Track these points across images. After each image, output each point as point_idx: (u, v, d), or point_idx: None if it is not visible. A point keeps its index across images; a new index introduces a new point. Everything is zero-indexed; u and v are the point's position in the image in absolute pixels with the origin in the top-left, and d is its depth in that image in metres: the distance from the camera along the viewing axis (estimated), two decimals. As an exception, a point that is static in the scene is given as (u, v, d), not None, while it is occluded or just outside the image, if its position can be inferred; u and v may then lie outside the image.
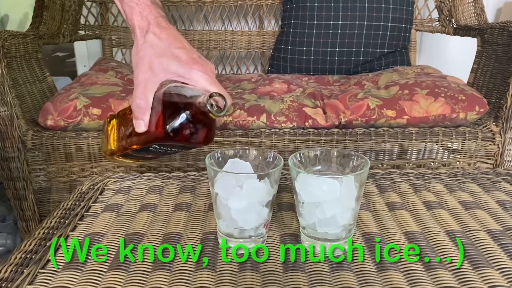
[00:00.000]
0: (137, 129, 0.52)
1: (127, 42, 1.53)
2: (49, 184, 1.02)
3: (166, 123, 0.48)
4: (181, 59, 0.51)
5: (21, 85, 1.01)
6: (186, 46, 0.53)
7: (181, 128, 0.48)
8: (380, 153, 0.98)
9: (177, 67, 0.51)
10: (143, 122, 0.51)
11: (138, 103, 0.51)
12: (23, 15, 2.23)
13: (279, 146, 0.97)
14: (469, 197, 0.60)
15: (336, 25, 1.34)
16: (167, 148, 0.54)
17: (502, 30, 1.03)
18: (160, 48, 0.52)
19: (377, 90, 1.06)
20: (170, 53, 0.52)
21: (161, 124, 0.49)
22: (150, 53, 0.52)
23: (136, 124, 0.51)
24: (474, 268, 0.43)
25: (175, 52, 0.52)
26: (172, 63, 0.51)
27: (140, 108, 0.51)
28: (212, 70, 0.54)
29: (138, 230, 0.52)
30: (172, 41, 0.52)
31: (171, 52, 0.52)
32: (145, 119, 0.51)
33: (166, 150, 0.55)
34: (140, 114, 0.51)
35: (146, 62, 0.52)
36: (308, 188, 0.45)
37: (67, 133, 0.98)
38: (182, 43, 0.53)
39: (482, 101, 0.99)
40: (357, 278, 0.43)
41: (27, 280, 0.43)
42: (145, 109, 0.50)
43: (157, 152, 0.55)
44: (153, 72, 0.51)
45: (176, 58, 0.51)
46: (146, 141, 0.52)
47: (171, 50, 0.52)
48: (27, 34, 1.06)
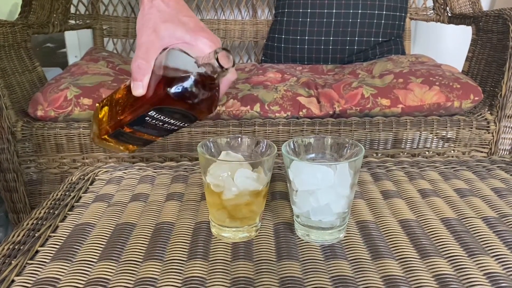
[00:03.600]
0: (134, 92, 0.48)
1: (119, 32, 1.51)
2: (40, 176, 1.00)
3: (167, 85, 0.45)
4: (188, 26, 0.50)
5: (9, 75, 0.99)
6: (194, 16, 0.52)
7: (183, 90, 0.45)
8: (374, 142, 0.98)
9: (183, 33, 0.49)
10: (141, 84, 0.48)
11: (139, 63, 0.48)
12: (12, 6, 2.20)
13: (273, 136, 0.96)
14: (464, 184, 0.59)
15: (330, 13, 1.33)
16: (165, 119, 0.49)
17: (497, 18, 1.03)
18: (167, 13, 0.50)
19: (372, 79, 1.05)
20: (177, 19, 0.50)
21: (162, 85, 0.45)
22: (156, 17, 0.50)
23: (134, 86, 0.48)
24: (469, 256, 0.43)
25: (182, 19, 0.50)
26: (178, 29, 0.49)
27: (141, 69, 0.48)
28: (219, 41, 0.52)
29: (129, 220, 0.51)
30: (180, 8, 0.51)
31: (178, 18, 0.50)
32: (144, 81, 0.48)
33: (164, 124, 0.50)
34: (140, 75, 0.48)
35: (151, 25, 0.49)
36: (301, 176, 0.44)
37: (57, 123, 0.96)
38: (189, 12, 0.52)
39: (477, 89, 0.99)
40: (351, 266, 0.42)
41: (15, 271, 0.42)
42: (145, 70, 0.48)
43: (153, 127, 0.51)
44: (157, 36, 0.49)
45: (183, 25, 0.50)
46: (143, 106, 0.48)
47: (178, 17, 0.50)
48: (15, 23, 1.04)
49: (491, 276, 0.40)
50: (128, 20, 1.52)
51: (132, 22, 1.52)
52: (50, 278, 0.41)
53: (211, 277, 0.41)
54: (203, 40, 0.49)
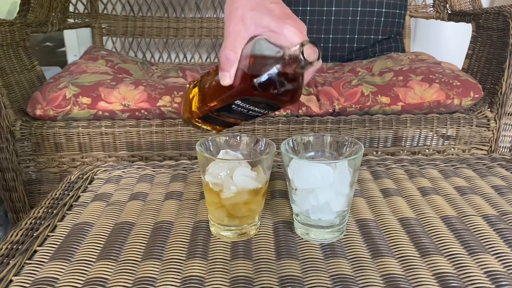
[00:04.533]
0: (222, 82, 0.49)
1: (118, 31, 1.51)
2: (39, 175, 1.00)
3: (253, 75, 0.46)
4: (274, 13, 0.50)
5: (8, 74, 0.99)
6: (280, 1, 0.52)
7: (269, 81, 0.46)
8: (374, 140, 0.98)
9: (269, 21, 0.50)
10: (229, 74, 0.49)
11: (227, 53, 0.49)
12: (11, 5, 2.19)
13: (272, 134, 0.96)
14: (465, 182, 0.59)
15: (329, 11, 1.32)
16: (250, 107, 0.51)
17: (497, 15, 1.02)
18: (254, 1, 0.50)
19: (371, 76, 1.05)
20: (264, 6, 0.50)
21: (248, 77, 0.46)
22: (244, 5, 0.50)
23: (222, 76, 0.49)
24: (470, 254, 0.43)
25: (269, 6, 0.50)
26: (264, 17, 0.50)
27: (228, 60, 0.49)
28: (304, 27, 0.52)
29: (128, 219, 0.51)
30: None
31: (265, 5, 0.50)
32: (232, 71, 0.49)
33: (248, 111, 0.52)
34: (228, 66, 0.49)
35: (238, 14, 0.50)
36: (301, 174, 0.44)
37: (56, 122, 0.96)
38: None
39: (477, 86, 0.99)
40: (351, 265, 0.42)
41: (13, 271, 0.42)
42: (233, 61, 0.49)
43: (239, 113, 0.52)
44: (244, 25, 0.50)
45: (269, 12, 0.50)
46: (230, 96, 0.49)
47: (265, 3, 0.50)
48: (14, 22, 1.03)
49: (492, 274, 0.40)
50: (127, 18, 1.51)
51: (131, 21, 1.52)
52: (49, 278, 0.41)
53: (210, 276, 0.41)
54: (289, 27, 0.49)
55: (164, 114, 0.97)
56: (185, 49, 1.59)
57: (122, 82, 0.99)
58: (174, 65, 1.35)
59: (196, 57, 1.60)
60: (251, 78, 0.46)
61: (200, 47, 1.59)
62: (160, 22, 1.52)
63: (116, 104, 0.96)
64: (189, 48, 1.59)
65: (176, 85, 1.01)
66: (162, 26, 1.52)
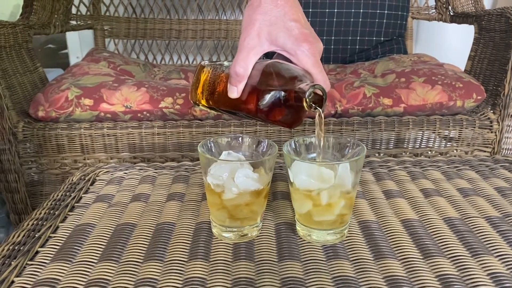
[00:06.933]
0: (229, 94, 0.50)
1: (120, 32, 1.51)
2: (41, 177, 1.00)
3: (259, 99, 0.47)
4: (292, 33, 0.49)
5: (11, 76, 0.99)
6: (301, 18, 0.51)
7: (272, 108, 0.47)
8: (376, 142, 0.97)
9: (285, 40, 0.49)
10: (236, 89, 0.49)
11: (238, 70, 0.49)
12: (14, 7, 2.20)
13: (274, 135, 0.96)
14: (467, 184, 0.59)
15: (331, 13, 1.32)
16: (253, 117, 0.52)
17: (499, 16, 1.02)
18: (273, 16, 0.50)
19: (374, 78, 1.05)
20: (283, 23, 0.49)
21: (254, 99, 0.47)
22: (263, 19, 0.49)
23: (230, 89, 0.50)
24: (473, 256, 0.43)
25: (288, 24, 0.50)
26: (281, 35, 0.49)
27: (238, 76, 0.49)
28: (320, 50, 0.51)
29: (130, 220, 0.51)
30: (288, 10, 0.50)
31: (284, 22, 0.50)
32: (239, 87, 0.49)
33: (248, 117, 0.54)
34: (237, 81, 0.49)
35: (255, 28, 0.49)
36: (302, 175, 0.44)
37: (58, 124, 0.96)
38: (297, 13, 0.51)
39: (480, 88, 0.98)
40: (353, 266, 0.42)
41: (14, 272, 0.42)
42: (242, 77, 0.49)
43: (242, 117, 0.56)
44: (260, 40, 0.49)
45: (287, 31, 0.49)
46: (234, 108, 0.51)
47: (285, 20, 0.50)
48: (16, 24, 1.04)
49: (495, 276, 0.39)
50: (129, 20, 1.52)
51: (133, 23, 1.52)
52: (50, 279, 0.41)
53: (212, 278, 0.41)
54: (303, 51, 0.49)
55: (166, 115, 0.97)
56: (187, 51, 1.59)
57: (124, 84, 0.99)
58: (176, 67, 1.35)
59: (198, 59, 1.61)
60: (256, 101, 0.47)
61: (202, 49, 1.59)
62: (162, 24, 1.53)
63: (118, 105, 0.96)
64: (191, 50, 1.59)
65: (178, 86, 1.01)
66: (164, 28, 1.53)
